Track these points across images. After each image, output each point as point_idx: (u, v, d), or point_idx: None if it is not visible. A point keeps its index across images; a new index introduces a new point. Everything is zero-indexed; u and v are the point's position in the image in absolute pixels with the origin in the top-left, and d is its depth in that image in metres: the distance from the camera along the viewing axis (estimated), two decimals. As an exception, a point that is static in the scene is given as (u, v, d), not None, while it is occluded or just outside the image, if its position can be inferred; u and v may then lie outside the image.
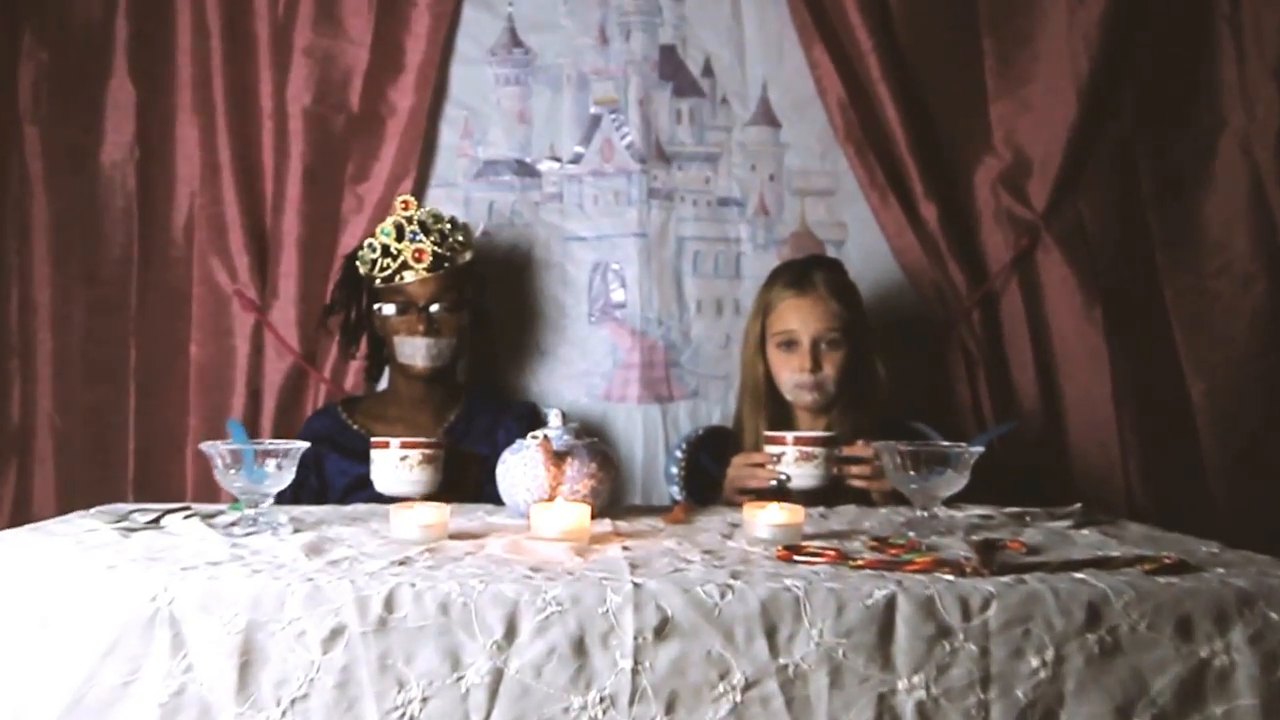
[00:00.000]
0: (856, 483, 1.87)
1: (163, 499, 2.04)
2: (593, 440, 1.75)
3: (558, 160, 2.49)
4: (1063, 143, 2.43)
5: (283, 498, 2.12)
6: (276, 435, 2.41)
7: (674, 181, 2.46)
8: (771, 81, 2.50)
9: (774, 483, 1.83)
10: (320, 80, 2.47)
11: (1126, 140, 2.49)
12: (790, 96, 2.49)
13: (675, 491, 2.21)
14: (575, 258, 2.47)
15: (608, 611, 1.19)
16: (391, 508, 1.53)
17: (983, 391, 2.42)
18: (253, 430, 2.45)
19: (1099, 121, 2.45)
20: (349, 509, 1.83)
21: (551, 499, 1.65)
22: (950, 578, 1.27)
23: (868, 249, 2.46)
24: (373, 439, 1.83)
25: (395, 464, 1.77)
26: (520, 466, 1.70)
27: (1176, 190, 2.49)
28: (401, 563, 1.33)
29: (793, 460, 1.82)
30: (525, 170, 2.49)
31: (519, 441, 1.74)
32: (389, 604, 1.19)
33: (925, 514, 1.61)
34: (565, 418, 1.75)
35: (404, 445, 1.77)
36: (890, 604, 1.21)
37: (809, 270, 2.13)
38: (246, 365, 2.46)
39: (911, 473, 1.57)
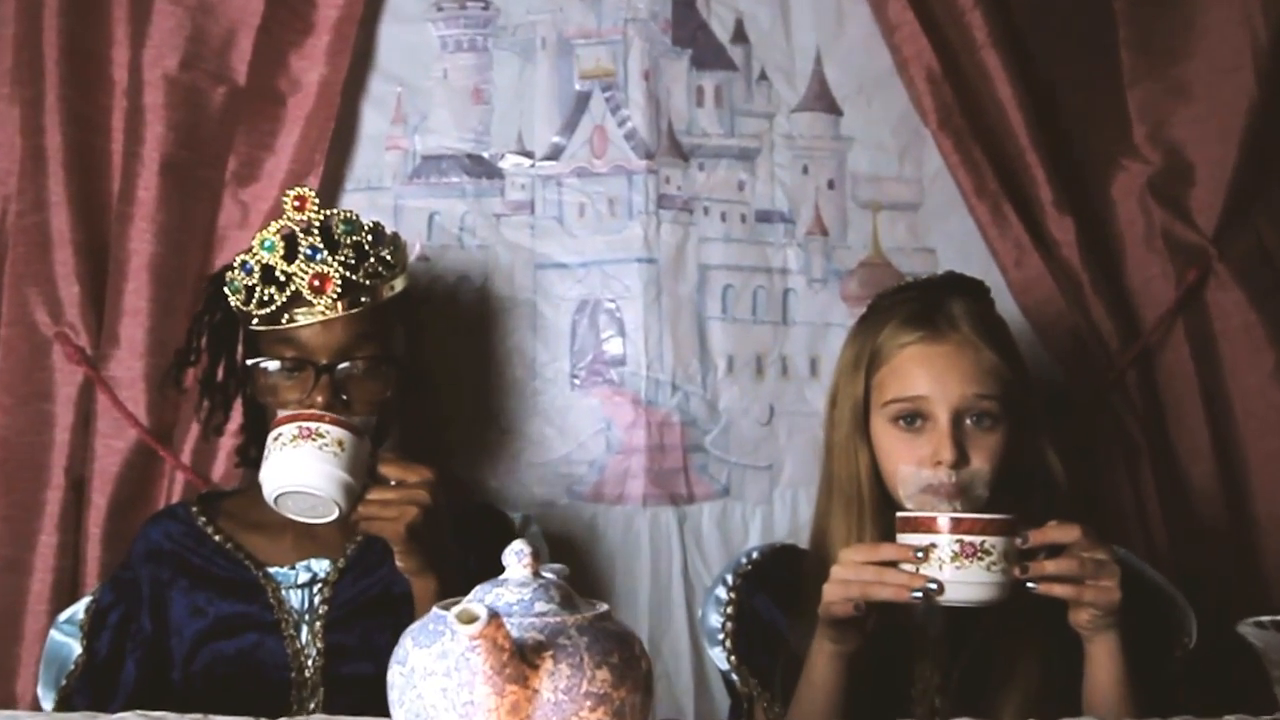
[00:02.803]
0: (1057, 591, 1.24)
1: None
2: (596, 615, 0.95)
3: (528, 156, 1.88)
4: (1237, 139, 1.85)
5: (95, 659, 1.49)
6: (109, 547, 1.75)
7: (694, 186, 1.87)
8: (829, 50, 1.90)
9: (916, 594, 1.22)
10: (193, 38, 1.83)
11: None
12: (855, 71, 1.90)
13: (719, 657, 1.51)
14: (553, 293, 1.86)
15: None
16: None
17: (1148, 489, 1.80)
18: (74, 541, 1.78)
19: (1283, 111, 1.87)
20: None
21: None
22: None
23: (970, 285, 1.82)
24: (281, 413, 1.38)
25: (285, 442, 1.32)
26: (436, 677, 0.88)
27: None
28: None
29: (949, 558, 1.22)
30: (482, 169, 1.88)
31: (435, 615, 0.94)
32: None
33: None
34: (536, 555, 0.96)
35: (309, 417, 1.34)
36: None
37: (943, 299, 1.44)
38: (69, 442, 1.81)
39: None
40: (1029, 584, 1.23)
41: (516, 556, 0.92)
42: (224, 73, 1.84)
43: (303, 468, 1.31)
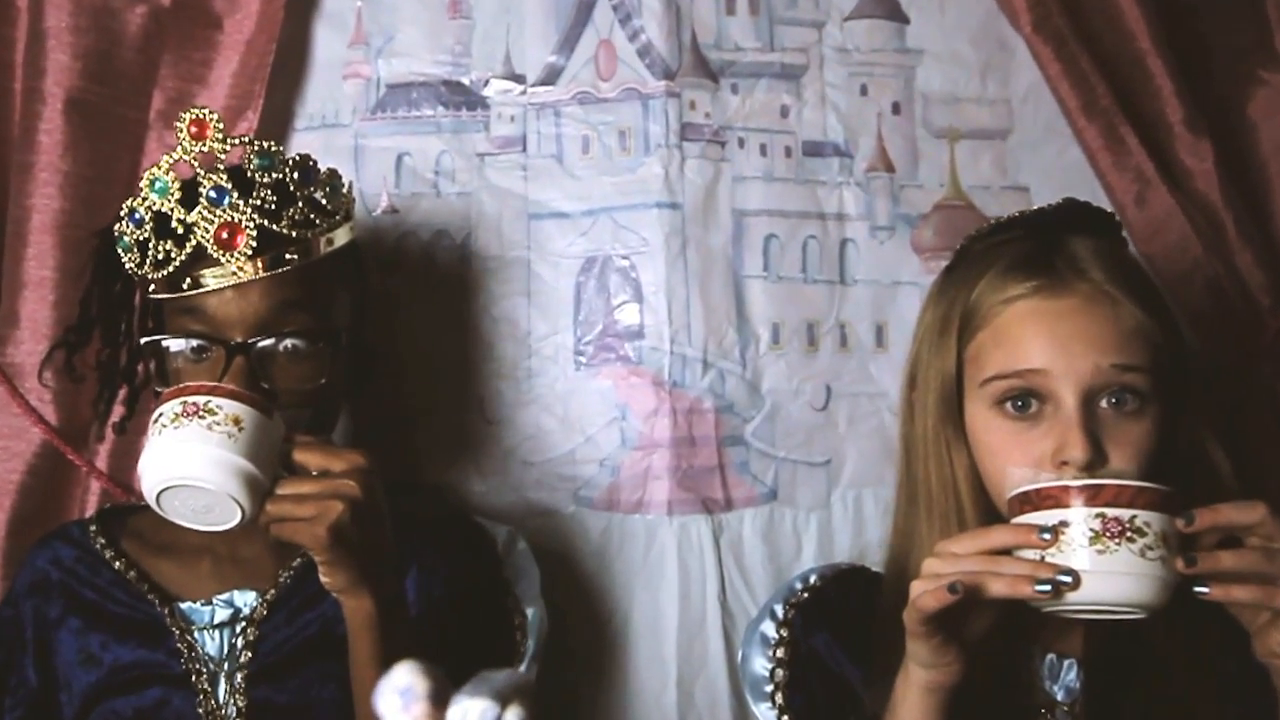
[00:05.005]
0: (1236, 595, 0.98)
1: None
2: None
3: (518, 81, 1.67)
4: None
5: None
6: (10, 575, 1.53)
7: (726, 113, 1.65)
8: (890, -59, 1.73)
9: (1042, 587, 0.97)
10: (105, -54, 1.65)
11: None
12: (923, -33, 1.72)
13: (768, 716, 1.28)
14: (551, 249, 1.66)
15: None
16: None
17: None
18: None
19: None
20: None
21: None
22: None
23: (1077, 228, 1.62)
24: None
25: (165, 423, 1.12)
26: None
27: None
28: None
29: (1086, 539, 0.98)
30: (462, 98, 1.68)
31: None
32: None
33: None
34: (439, 695, 0.58)
35: (196, 390, 1.14)
36: None
37: (1062, 236, 1.17)
38: (-41, 447, 1.63)
39: None
40: (1197, 589, 0.96)
41: (400, 698, 0.54)
42: (144, -12, 1.65)
43: (186, 454, 1.09)
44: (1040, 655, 1.12)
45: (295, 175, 1.23)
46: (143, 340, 1.27)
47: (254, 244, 1.18)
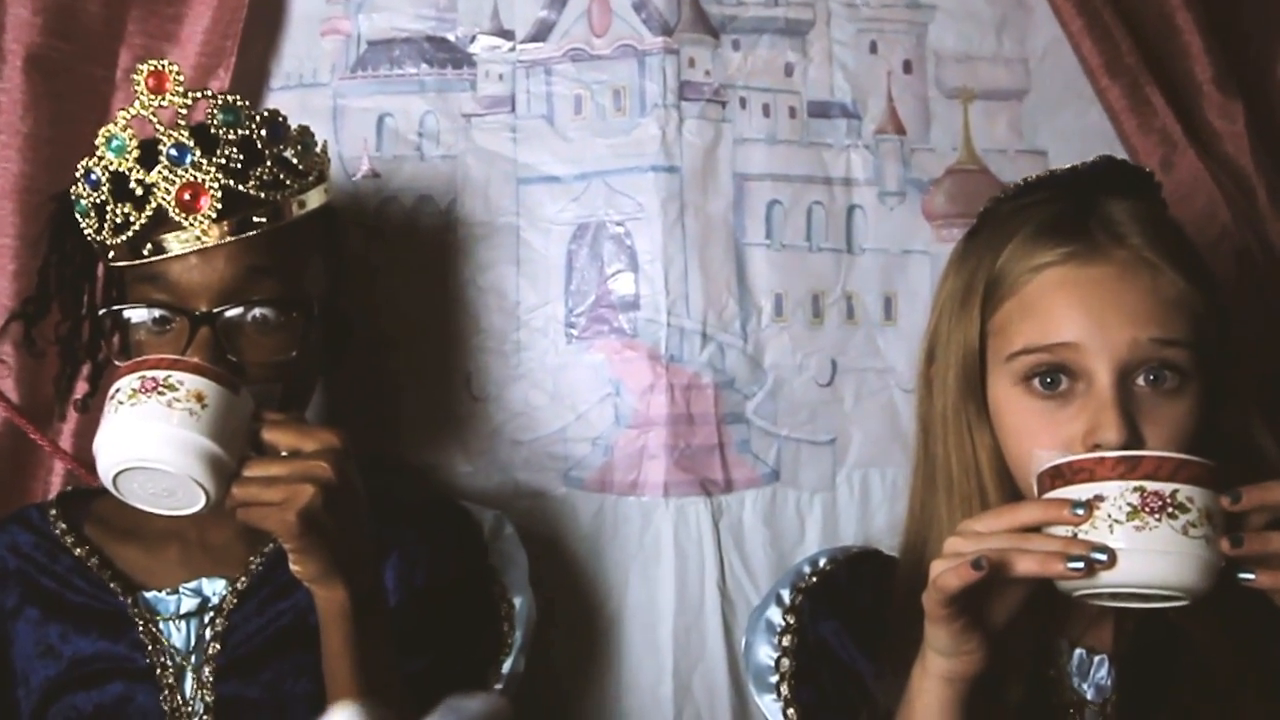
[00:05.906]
0: None
1: None
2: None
3: (506, 37, 1.62)
4: None
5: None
6: None
7: (727, 71, 1.61)
8: (899, -111, 1.68)
9: (1075, 564, 0.93)
10: (68, -109, 1.58)
11: None
12: (936, -83, 1.68)
13: (773, 709, 1.24)
14: (541, 215, 1.61)
15: None
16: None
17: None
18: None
19: None
20: None
21: None
22: None
23: (1098, 194, 1.57)
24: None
25: (122, 400, 1.07)
26: None
27: None
28: None
29: (1123, 515, 0.94)
30: (447, 55, 1.63)
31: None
32: None
33: None
34: None
35: (156, 364, 1.08)
36: None
37: (1097, 197, 1.11)
38: (-85, 426, 1.58)
39: None
40: (1242, 575, 0.91)
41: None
42: (109, -62, 1.59)
43: (144, 434, 1.03)
44: (1068, 650, 1.06)
45: (263, 132, 1.17)
46: (101, 310, 1.22)
47: (219, 206, 1.12)
